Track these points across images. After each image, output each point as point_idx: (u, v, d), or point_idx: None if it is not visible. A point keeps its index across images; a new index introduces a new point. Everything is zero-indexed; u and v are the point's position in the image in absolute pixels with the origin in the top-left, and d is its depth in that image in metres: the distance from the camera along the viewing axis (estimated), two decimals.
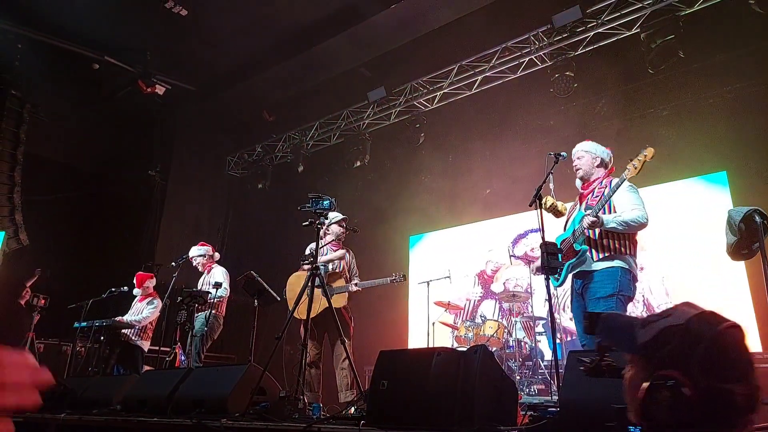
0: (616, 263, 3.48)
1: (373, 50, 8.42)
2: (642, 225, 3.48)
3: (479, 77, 7.76)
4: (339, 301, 5.07)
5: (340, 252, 5.31)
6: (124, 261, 9.07)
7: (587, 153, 3.83)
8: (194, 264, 6.33)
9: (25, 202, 8.70)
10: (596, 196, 3.67)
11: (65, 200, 9.61)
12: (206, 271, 6.35)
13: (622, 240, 3.52)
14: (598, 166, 3.81)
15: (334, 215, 5.36)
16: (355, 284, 5.19)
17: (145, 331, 6.50)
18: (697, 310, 1.20)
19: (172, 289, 6.08)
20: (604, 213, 3.51)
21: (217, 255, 6.48)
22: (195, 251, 6.38)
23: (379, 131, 8.99)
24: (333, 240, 5.33)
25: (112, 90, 8.97)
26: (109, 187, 10.13)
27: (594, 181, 3.80)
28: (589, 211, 3.53)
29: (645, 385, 1.14)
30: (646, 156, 3.34)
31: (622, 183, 3.48)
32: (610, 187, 3.54)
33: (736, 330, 1.16)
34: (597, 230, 3.54)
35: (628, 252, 3.51)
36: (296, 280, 5.32)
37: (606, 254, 3.51)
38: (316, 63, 8.68)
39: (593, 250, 3.55)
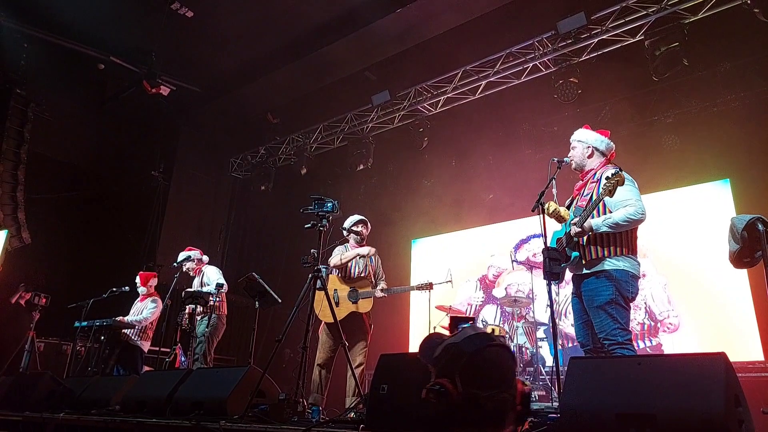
0: (609, 266, 3.33)
1: (378, 54, 8.43)
2: (636, 221, 3.28)
3: (483, 82, 7.75)
4: (365, 306, 5.04)
5: (365, 249, 5.25)
6: (125, 261, 9.09)
7: (580, 143, 3.71)
8: (184, 269, 6.26)
9: (28, 200, 8.72)
10: (586, 195, 3.52)
11: (68, 199, 9.64)
12: (197, 275, 6.31)
13: (613, 241, 3.35)
14: (590, 157, 3.65)
15: (352, 219, 5.37)
16: (381, 290, 5.13)
17: (145, 332, 6.49)
18: (476, 331, 1.44)
19: (173, 289, 6.07)
20: (593, 217, 3.36)
21: (206, 258, 6.40)
22: (183, 256, 6.29)
23: (382, 135, 8.99)
24: (355, 244, 5.31)
25: (116, 90, 8.98)
26: (111, 187, 10.15)
27: (588, 172, 3.65)
28: (575, 220, 3.40)
29: (425, 388, 1.38)
30: (617, 181, 3.15)
31: (602, 198, 3.27)
32: (598, 191, 3.33)
33: (497, 348, 1.39)
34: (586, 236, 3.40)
35: (622, 252, 3.34)
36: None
37: (597, 258, 3.37)
38: (321, 66, 8.69)
39: (583, 258, 3.42)
